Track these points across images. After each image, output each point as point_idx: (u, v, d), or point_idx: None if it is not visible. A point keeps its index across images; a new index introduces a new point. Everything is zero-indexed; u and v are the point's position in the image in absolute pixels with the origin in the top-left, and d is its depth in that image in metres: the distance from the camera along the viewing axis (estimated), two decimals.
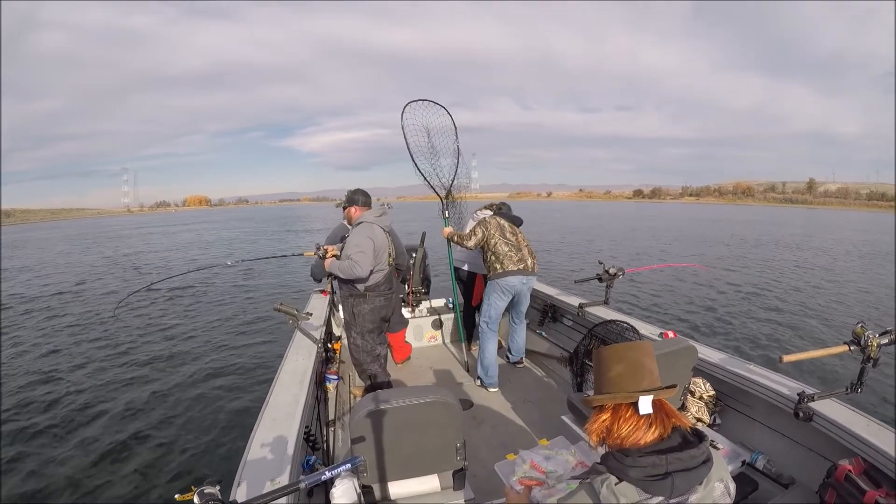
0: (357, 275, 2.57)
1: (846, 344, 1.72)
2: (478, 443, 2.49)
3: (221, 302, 9.02)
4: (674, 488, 0.80)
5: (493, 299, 3.12)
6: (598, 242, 19.19)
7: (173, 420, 4.14)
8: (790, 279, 10.48)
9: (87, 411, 4.33)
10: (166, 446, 3.71)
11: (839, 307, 8.19)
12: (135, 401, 4.55)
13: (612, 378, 0.92)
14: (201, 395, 4.64)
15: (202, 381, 5.00)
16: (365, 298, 2.72)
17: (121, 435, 3.88)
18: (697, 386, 2.27)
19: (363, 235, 2.59)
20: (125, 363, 5.66)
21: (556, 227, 27.77)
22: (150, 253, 19.79)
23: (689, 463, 0.81)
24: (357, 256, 2.54)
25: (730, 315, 7.48)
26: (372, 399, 1.56)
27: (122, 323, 7.44)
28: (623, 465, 0.83)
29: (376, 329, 2.82)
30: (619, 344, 1.02)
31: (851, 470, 1.53)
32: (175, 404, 4.46)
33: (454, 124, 3.46)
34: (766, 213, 58.75)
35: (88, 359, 5.86)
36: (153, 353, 6.03)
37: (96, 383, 5.03)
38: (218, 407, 4.37)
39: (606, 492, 0.81)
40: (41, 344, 6.59)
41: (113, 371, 5.40)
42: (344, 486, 1.48)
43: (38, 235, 38.44)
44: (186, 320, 7.69)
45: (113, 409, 4.38)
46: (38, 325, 7.75)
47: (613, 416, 0.89)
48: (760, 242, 18.78)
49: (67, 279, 12.73)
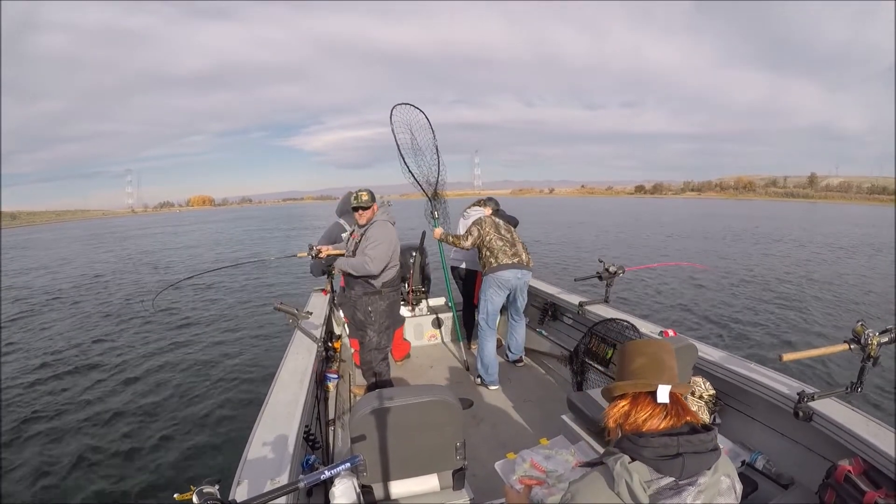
0: (369, 271, 2.60)
1: (846, 342, 1.71)
2: (478, 442, 2.49)
3: (221, 301, 9.04)
4: (684, 469, 0.83)
5: (490, 294, 3.14)
6: (599, 241, 19.18)
7: (172, 419, 4.15)
8: (789, 279, 10.47)
9: (86, 411, 4.35)
10: (165, 445, 3.71)
11: (839, 306, 8.17)
12: (133, 400, 4.56)
13: (635, 369, 0.97)
14: (201, 395, 4.65)
15: (202, 381, 5.01)
16: (381, 295, 2.72)
17: (119, 434, 3.89)
18: (697, 385, 2.27)
19: (387, 232, 2.64)
20: (125, 363, 5.67)
21: (557, 226, 27.74)
22: (168, 250, 20.11)
23: (699, 447, 0.85)
24: (374, 252, 2.58)
25: (730, 313, 7.48)
26: (371, 398, 1.56)
27: (121, 322, 7.46)
28: (637, 445, 0.86)
29: (391, 326, 2.83)
30: (642, 339, 1.06)
31: (851, 470, 1.52)
32: (174, 403, 4.47)
33: (430, 122, 3.54)
34: (766, 208, 58.63)
35: (86, 359, 5.87)
36: (153, 352, 6.04)
37: (95, 383, 5.04)
38: (217, 406, 4.37)
39: (620, 469, 0.84)
40: (43, 342, 6.61)
41: (112, 371, 5.41)
42: (343, 485, 1.48)
43: (46, 237, 38.65)
44: (186, 320, 7.70)
45: (111, 408, 4.39)
46: (41, 324, 7.78)
47: (633, 403, 0.94)
48: (758, 240, 18.76)
49: (84, 275, 12.87)
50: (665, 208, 57.54)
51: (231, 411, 4.25)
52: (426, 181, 3.50)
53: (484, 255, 3.14)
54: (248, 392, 4.64)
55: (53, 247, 26.56)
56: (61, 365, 5.63)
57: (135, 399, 4.57)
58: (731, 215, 38.86)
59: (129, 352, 6.06)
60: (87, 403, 4.49)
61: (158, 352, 6.04)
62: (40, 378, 5.20)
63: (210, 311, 8.28)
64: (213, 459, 3.50)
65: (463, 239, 3.17)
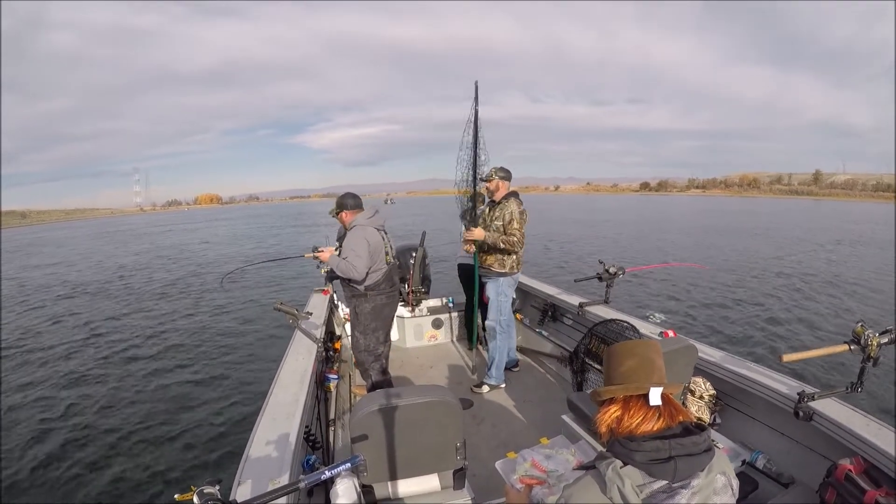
0: (353, 277, 2.63)
1: (846, 343, 1.71)
2: (478, 442, 2.49)
3: (221, 301, 9.02)
4: (676, 472, 0.82)
5: (510, 293, 3.14)
6: (598, 242, 19.19)
7: (173, 419, 4.14)
8: (790, 278, 10.47)
9: (85, 411, 4.34)
10: (166, 445, 3.71)
11: (839, 306, 8.18)
12: (133, 400, 4.55)
13: (625, 372, 0.96)
14: (201, 395, 4.65)
15: (202, 380, 5.01)
16: (366, 297, 2.75)
17: (119, 434, 3.89)
18: (697, 385, 2.27)
19: (358, 237, 2.64)
20: (124, 363, 5.66)
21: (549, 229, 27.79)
22: (195, 246, 20.57)
23: (691, 449, 0.84)
24: (353, 259, 2.60)
25: (730, 314, 7.48)
26: (372, 398, 1.56)
27: (120, 323, 7.45)
28: (628, 449, 0.86)
29: (379, 328, 2.84)
30: (629, 341, 1.05)
31: (851, 469, 1.53)
32: (174, 403, 4.46)
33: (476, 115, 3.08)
34: (769, 206, 58.56)
35: (84, 357, 5.87)
36: (152, 351, 6.04)
37: (93, 383, 5.03)
38: (218, 406, 4.37)
39: (612, 474, 0.84)
40: (44, 340, 6.60)
41: (110, 370, 5.40)
42: (344, 485, 1.48)
43: (58, 235, 38.89)
44: (186, 319, 7.70)
45: (110, 408, 4.38)
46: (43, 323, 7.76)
47: (624, 407, 0.93)
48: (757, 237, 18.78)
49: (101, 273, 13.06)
50: (668, 206, 57.56)
51: (231, 411, 4.25)
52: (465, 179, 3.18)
53: (518, 254, 2.99)
54: (249, 392, 4.64)
55: (67, 244, 27.01)
56: (59, 363, 5.62)
57: (135, 399, 4.56)
58: (730, 211, 38.91)
59: (128, 352, 6.06)
60: (86, 403, 4.48)
61: (157, 350, 6.03)
62: (40, 376, 5.19)
63: (210, 311, 8.28)
64: (213, 460, 3.49)
65: (518, 244, 2.90)
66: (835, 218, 31.95)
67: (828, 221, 27.63)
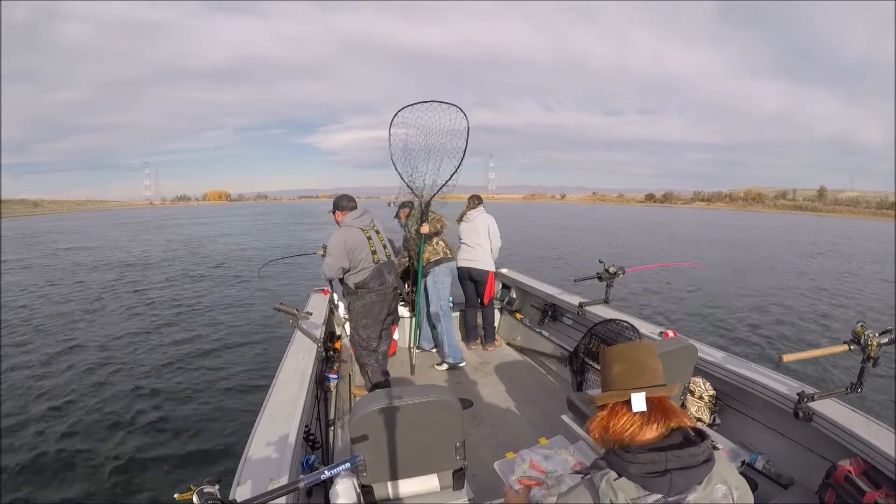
0: (325, 274, 2.85)
1: (846, 343, 1.71)
2: (477, 442, 2.49)
3: (221, 300, 9.02)
4: (672, 486, 0.80)
5: (446, 281, 3.70)
6: (596, 244, 19.19)
7: (172, 418, 4.14)
8: (790, 279, 10.46)
9: (84, 411, 4.33)
10: (165, 445, 3.71)
11: (839, 306, 8.17)
12: (133, 399, 4.55)
13: (613, 377, 0.94)
14: (200, 394, 4.64)
15: (201, 380, 5.00)
16: (357, 295, 2.83)
17: (119, 434, 3.88)
18: (697, 385, 2.27)
19: (337, 238, 2.76)
20: (123, 363, 5.66)
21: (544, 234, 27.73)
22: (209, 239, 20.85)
23: (688, 461, 0.82)
24: (327, 259, 2.78)
25: (730, 314, 7.48)
26: (371, 398, 1.56)
27: (119, 322, 7.45)
28: (623, 460, 0.84)
29: (370, 325, 2.88)
30: (622, 344, 1.04)
31: (851, 470, 1.52)
32: (174, 403, 4.46)
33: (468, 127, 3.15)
34: (772, 220, 58.20)
35: (82, 357, 5.86)
36: (152, 351, 6.03)
37: (93, 382, 5.02)
38: (217, 405, 4.37)
39: (605, 486, 0.82)
40: (45, 338, 6.60)
41: (110, 370, 5.39)
42: (343, 485, 1.48)
43: (70, 224, 39.20)
44: (186, 319, 7.69)
45: (110, 408, 4.38)
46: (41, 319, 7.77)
47: (610, 413, 0.92)
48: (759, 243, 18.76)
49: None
50: (668, 217, 57.33)
51: (231, 411, 4.24)
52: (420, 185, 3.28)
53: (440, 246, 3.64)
54: (248, 392, 4.63)
55: (89, 232, 27.68)
56: (58, 363, 5.62)
57: (134, 399, 4.55)
58: (729, 225, 38.79)
59: (128, 351, 6.05)
60: (85, 404, 4.48)
61: (157, 350, 6.02)
62: (38, 375, 5.19)
63: (209, 310, 8.27)
64: (213, 459, 3.49)
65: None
66: (826, 233, 31.90)
67: (815, 236, 27.64)
